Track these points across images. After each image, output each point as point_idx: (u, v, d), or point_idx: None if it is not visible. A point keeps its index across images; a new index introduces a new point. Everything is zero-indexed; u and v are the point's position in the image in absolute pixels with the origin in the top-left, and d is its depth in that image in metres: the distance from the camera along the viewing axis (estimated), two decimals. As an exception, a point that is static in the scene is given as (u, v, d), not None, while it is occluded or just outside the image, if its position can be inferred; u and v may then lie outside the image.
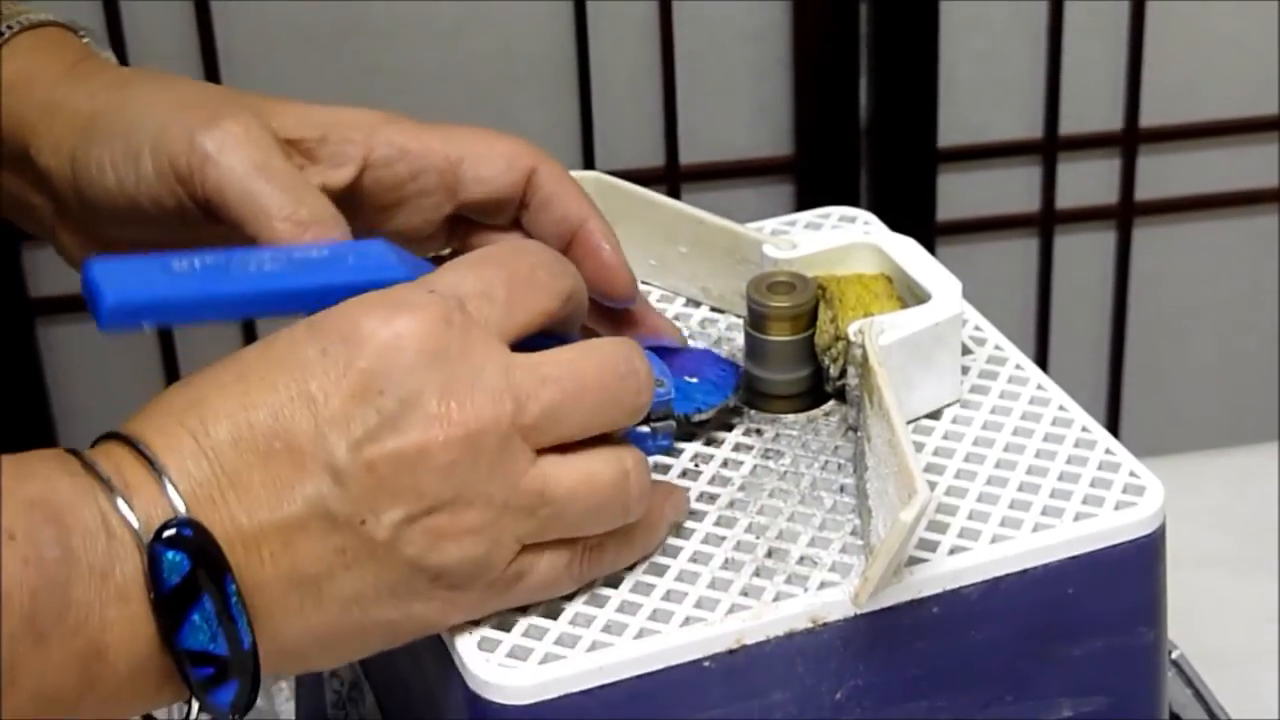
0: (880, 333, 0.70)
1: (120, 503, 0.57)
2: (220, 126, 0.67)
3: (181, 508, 0.57)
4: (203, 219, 0.67)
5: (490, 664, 0.61)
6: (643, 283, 0.80)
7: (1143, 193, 1.73)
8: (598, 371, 0.61)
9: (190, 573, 0.56)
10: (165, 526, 0.56)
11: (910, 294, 0.74)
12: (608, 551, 0.63)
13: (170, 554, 0.56)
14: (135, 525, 0.56)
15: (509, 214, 0.71)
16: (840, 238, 0.76)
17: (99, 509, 0.56)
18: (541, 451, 0.61)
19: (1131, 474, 0.68)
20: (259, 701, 0.60)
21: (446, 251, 0.74)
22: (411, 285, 0.61)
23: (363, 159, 0.70)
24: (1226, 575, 1.03)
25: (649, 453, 0.68)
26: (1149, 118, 1.70)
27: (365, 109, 0.71)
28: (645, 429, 0.66)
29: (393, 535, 0.59)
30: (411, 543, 0.59)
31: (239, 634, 0.57)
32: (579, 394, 0.61)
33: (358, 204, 0.70)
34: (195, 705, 0.58)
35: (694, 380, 0.71)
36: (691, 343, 0.77)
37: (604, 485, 0.62)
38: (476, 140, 0.71)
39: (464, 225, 0.73)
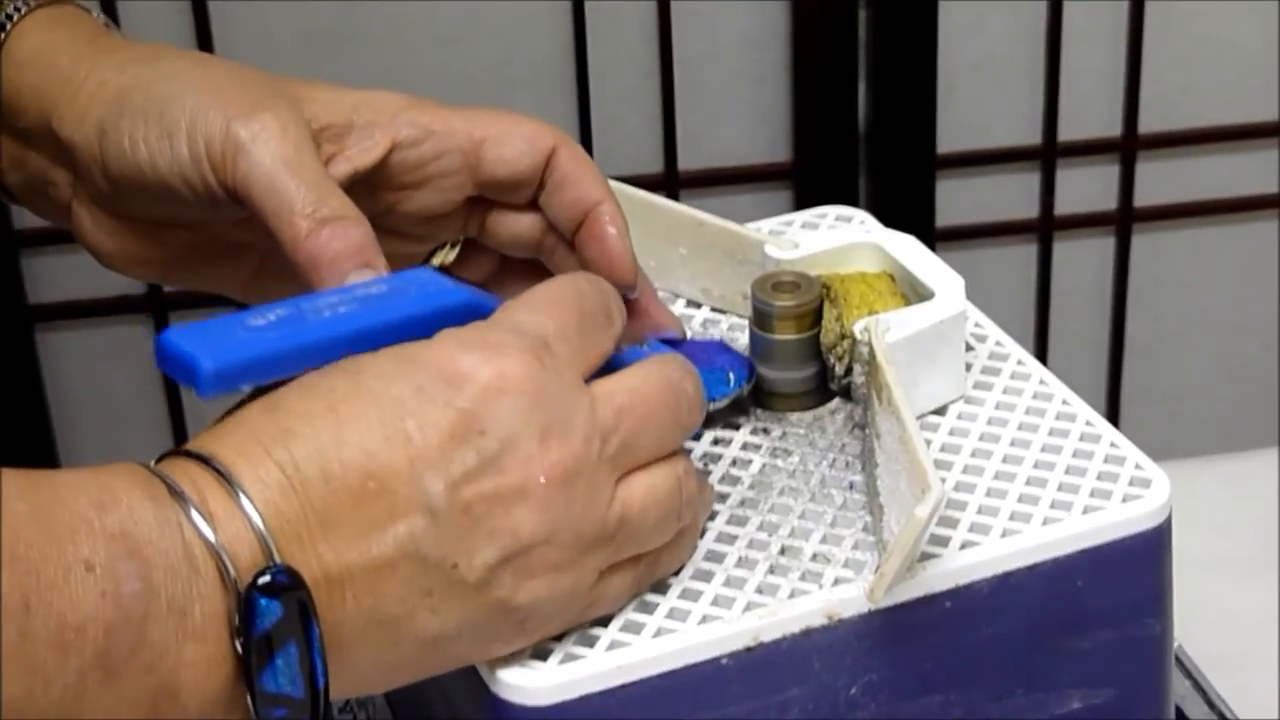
0: (886, 330, 0.70)
1: (210, 536, 0.55)
2: (257, 118, 0.66)
3: (273, 548, 0.56)
4: (230, 203, 0.67)
5: (510, 665, 0.61)
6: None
7: (1142, 199, 1.73)
8: (660, 395, 0.62)
9: (281, 619, 0.55)
10: (261, 573, 0.55)
11: (913, 291, 0.74)
12: (663, 560, 0.64)
13: (264, 601, 0.55)
14: (226, 563, 0.55)
15: (528, 194, 0.72)
16: (842, 236, 0.77)
17: (182, 540, 0.55)
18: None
19: (1137, 467, 0.69)
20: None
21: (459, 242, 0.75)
22: (497, 325, 0.61)
23: (390, 140, 0.70)
24: (1227, 580, 1.03)
25: None
26: (1148, 124, 1.70)
27: (390, 91, 0.71)
28: None
29: (484, 577, 0.58)
30: (502, 585, 0.59)
31: (315, 676, 0.56)
32: (647, 419, 0.61)
33: (382, 184, 0.70)
34: None
35: (706, 370, 0.71)
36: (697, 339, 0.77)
37: (665, 495, 0.62)
38: (499, 121, 0.71)
39: (481, 207, 0.73)
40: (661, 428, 0.62)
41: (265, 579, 0.55)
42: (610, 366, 0.63)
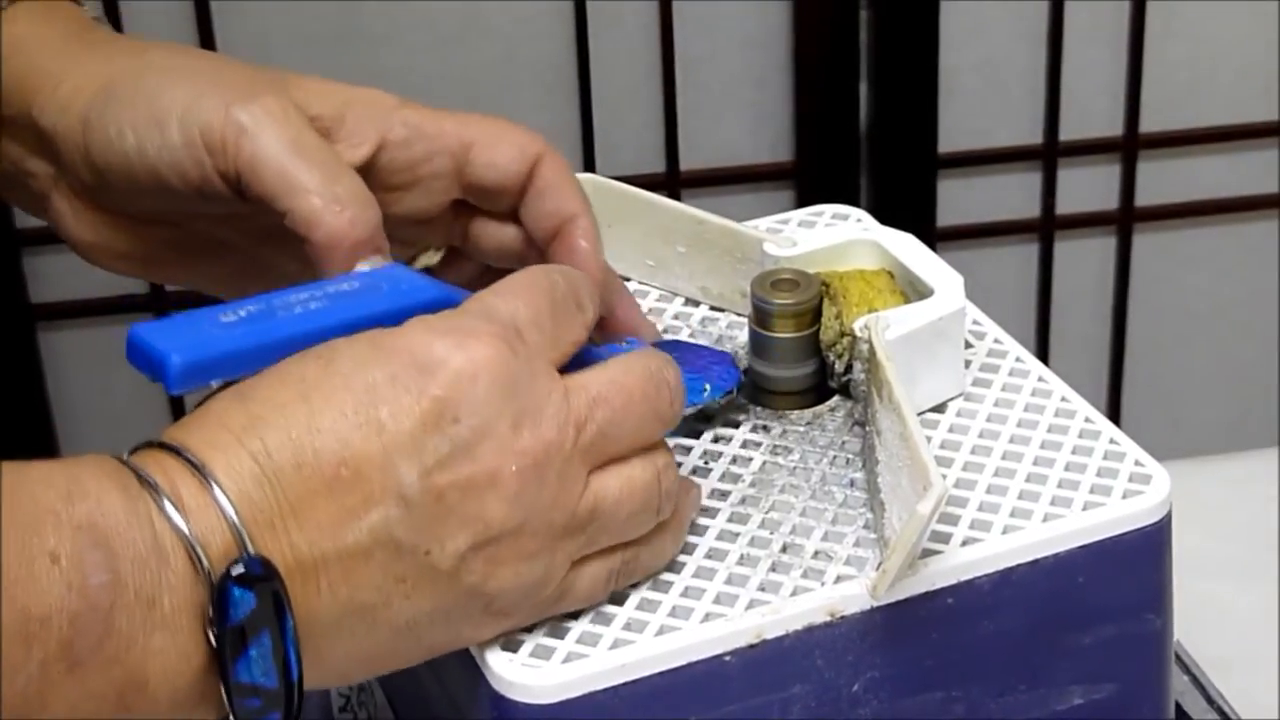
0: (886, 327, 0.70)
1: (183, 526, 0.55)
2: (258, 102, 0.67)
3: (246, 538, 0.55)
4: (224, 192, 0.67)
5: (514, 664, 0.61)
6: (641, 283, 0.80)
7: (1143, 199, 1.74)
8: (639, 387, 0.62)
9: (255, 610, 0.55)
10: (235, 563, 0.55)
11: (912, 289, 0.74)
12: (641, 559, 0.64)
13: (238, 591, 0.55)
14: (199, 553, 0.55)
15: (511, 202, 0.72)
16: (840, 234, 0.77)
17: (152, 531, 0.55)
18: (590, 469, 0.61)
19: (1137, 463, 0.69)
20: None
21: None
22: (469, 312, 0.61)
23: (379, 138, 0.70)
24: (1227, 581, 1.03)
25: None
26: (1149, 123, 1.71)
27: (381, 91, 0.71)
28: None
29: (456, 564, 0.59)
30: (473, 571, 0.59)
31: (290, 667, 0.56)
32: (625, 410, 0.61)
33: (370, 184, 0.70)
34: None
35: (687, 374, 0.70)
36: (693, 341, 0.77)
37: (642, 487, 0.62)
38: (489, 126, 0.71)
39: (466, 214, 0.73)
40: (640, 419, 0.62)
41: (239, 569, 0.55)
42: (583, 362, 0.63)
